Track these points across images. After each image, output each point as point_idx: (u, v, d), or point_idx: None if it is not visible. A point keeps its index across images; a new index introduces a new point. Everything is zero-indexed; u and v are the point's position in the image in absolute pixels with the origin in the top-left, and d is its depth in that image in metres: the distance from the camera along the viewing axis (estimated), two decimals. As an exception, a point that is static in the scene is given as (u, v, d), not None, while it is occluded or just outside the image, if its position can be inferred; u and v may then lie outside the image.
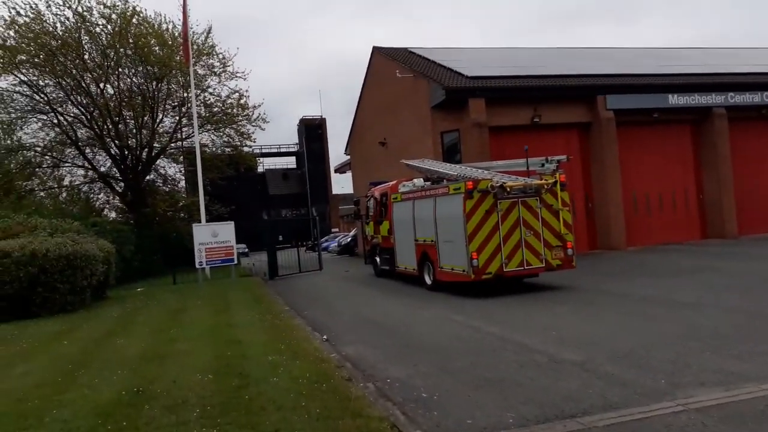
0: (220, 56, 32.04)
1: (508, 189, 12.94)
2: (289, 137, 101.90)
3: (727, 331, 8.36)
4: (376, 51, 28.58)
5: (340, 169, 45.51)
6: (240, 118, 32.91)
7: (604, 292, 12.75)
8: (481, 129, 20.86)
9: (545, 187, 13.32)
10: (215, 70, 32.44)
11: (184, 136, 33.99)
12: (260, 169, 77.90)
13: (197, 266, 18.23)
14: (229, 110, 32.65)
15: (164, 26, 30.70)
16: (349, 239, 38.82)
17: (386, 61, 27.10)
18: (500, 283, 13.63)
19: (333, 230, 72.65)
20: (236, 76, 32.48)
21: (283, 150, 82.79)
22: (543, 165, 14.39)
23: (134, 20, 29.15)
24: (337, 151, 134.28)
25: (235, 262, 18.94)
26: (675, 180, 23.83)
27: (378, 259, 19.68)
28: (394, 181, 18.69)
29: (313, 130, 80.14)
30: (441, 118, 21.97)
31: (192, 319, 12.16)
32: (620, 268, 16.87)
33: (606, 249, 22.10)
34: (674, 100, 22.94)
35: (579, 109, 22.59)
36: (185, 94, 31.99)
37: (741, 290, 11.76)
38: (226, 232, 18.66)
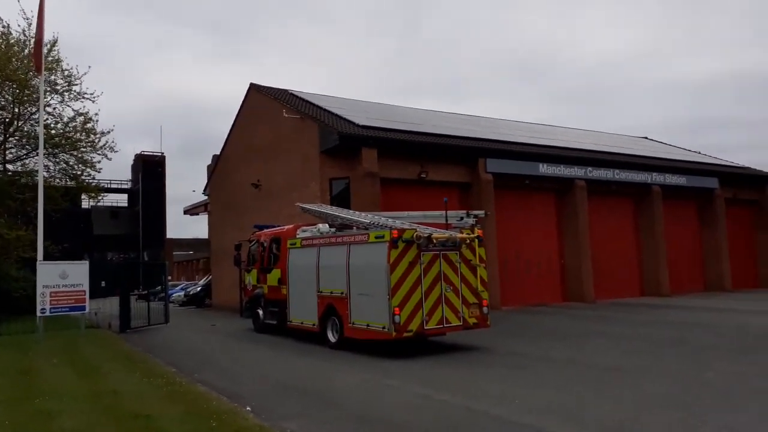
0: (66, 73, 28.23)
1: (434, 240, 12.23)
2: (116, 172, 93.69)
3: (684, 397, 8.23)
4: (254, 89, 27.07)
5: (192, 211, 42.12)
6: (84, 144, 28.98)
7: (522, 354, 12.35)
8: (373, 179, 20.23)
9: (467, 241, 12.86)
10: (57, 87, 28.49)
11: (8, 158, 29.04)
12: (84, 204, 69.97)
13: (39, 313, 14.85)
14: (72, 134, 28.62)
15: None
16: (198, 289, 35.48)
17: (265, 100, 25.71)
18: (416, 343, 12.75)
19: (168, 277, 66.87)
20: (83, 97, 28.74)
21: (113, 186, 75.42)
22: (461, 219, 14.02)
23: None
24: (175, 191, 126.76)
25: (87, 310, 15.80)
26: (541, 244, 25.11)
27: (261, 312, 17.71)
28: (290, 225, 17.24)
29: (152, 167, 74.23)
30: (330, 164, 20.99)
31: (54, 384, 9.48)
32: (515, 329, 16.82)
33: (482, 308, 22.27)
34: (544, 169, 24.41)
35: (461, 170, 23.02)
36: (16, 110, 27.58)
37: (648, 354, 12.06)
38: (78, 273, 15.52)
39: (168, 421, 7.01)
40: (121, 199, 78.56)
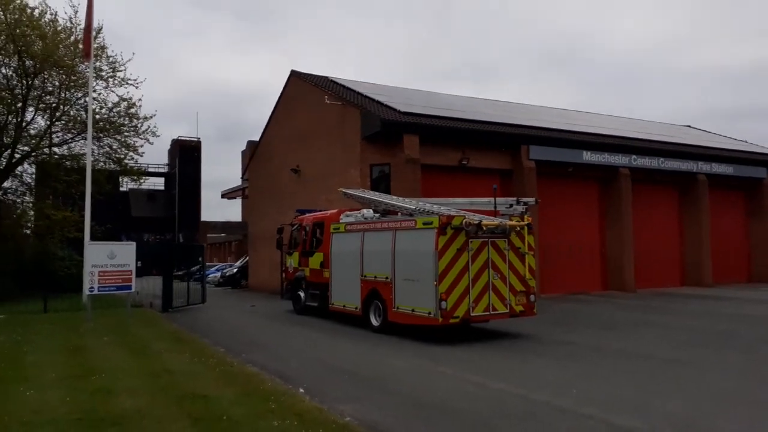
0: (110, 59, 28.59)
1: (484, 228, 12.03)
2: (153, 156, 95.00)
3: (754, 392, 7.93)
4: (295, 76, 27.04)
5: (229, 195, 42.54)
6: (127, 128, 29.41)
7: (571, 343, 12.11)
8: (414, 165, 20.06)
9: (517, 228, 12.64)
10: (102, 74, 28.88)
11: (54, 141, 29.65)
12: (123, 188, 71.33)
13: (87, 291, 15.12)
14: (115, 119, 29.06)
15: (45, 17, 26.85)
16: (235, 270, 35.88)
17: (307, 87, 25.67)
18: (461, 329, 12.63)
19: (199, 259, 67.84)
20: (127, 83, 29.08)
21: (151, 170, 76.66)
22: (511, 206, 13.81)
23: (11, 6, 25.10)
24: (209, 176, 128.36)
25: (133, 289, 16.05)
26: (582, 232, 24.66)
27: (302, 295, 17.77)
28: (334, 210, 17.26)
29: (188, 152, 75.21)
30: (371, 150, 20.87)
31: (109, 362, 9.62)
32: (559, 317, 16.52)
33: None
34: (587, 156, 23.89)
35: (503, 157, 22.69)
36: (63, 94, 28.09)
37: (702, 346, 11.70)
38: (125, 254, 15.73)
39: (227, 403, 7.02)
40: (158, 183, 79.94)
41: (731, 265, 28.27)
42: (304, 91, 26.01)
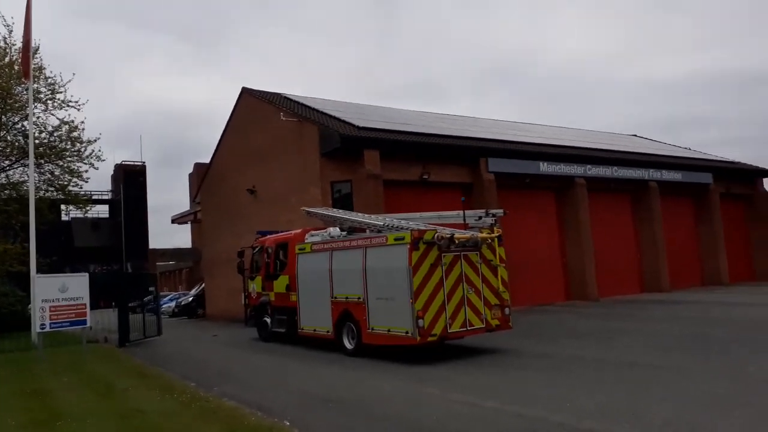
0: (49, 80, 27.35)
1: (456, 241, 11.80)
2: (96, 183, 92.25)
3: (742, 394, 7.92)
4: (246, 93, 26.47)
5: (180, 219, 41.28)
6: (69, 153, 28.07)
7: (551, 355, 11.97)
8: (376, 181, 19.79)
9: (488, 241, 12.50)
10: (41, 96, 27.56)
11: (-10, 170, 28.01)
12: (64, 216, 68.42)
13: (38, 329, 14.08)
14: (57, 143, 27.71)
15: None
16: (190, 299, 34.60)
17: (259, 104, 25.15)
18: (436, 347, 12.35)
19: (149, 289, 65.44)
20: (68, 105, 27.83)
21: (94, 197, 73.82)
22: (480, 218, 13.63)
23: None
24: (155, 201, 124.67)
25: (88, 324, 15.08)
26: (543, 243, 24.89)
27: (269, 321, 17.09)
28: (298, 230, 16.71)
29: (133, 177, 72.98)
30: (331, 167, 20.52)
31: (73, 405, 8.84)
32: (531, 329, 16.44)
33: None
34: (544, 167, 24.22)
35: (463, 170, 22.71)
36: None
37: (675, 350, 11.79)
38: (78, 286, 14.77)
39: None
40: (102, 210, 76.93)
41: (685, 270, 29.11)
42: (256, 109, 25.47)
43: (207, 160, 31.22)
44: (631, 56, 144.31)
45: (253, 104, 25.87)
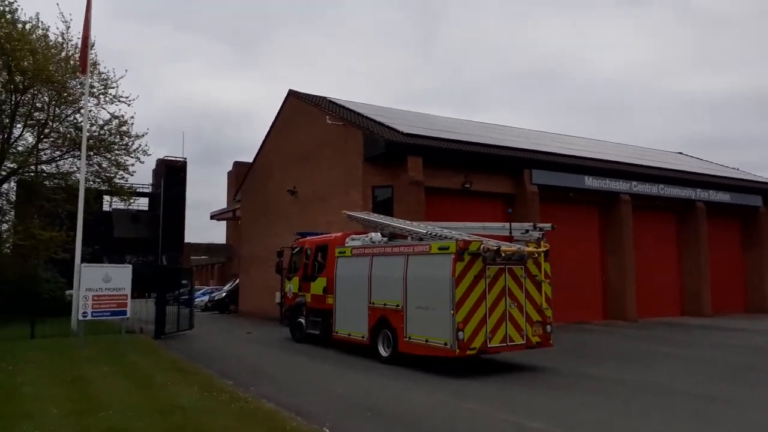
0: (102, 76, 28.02)
1: (503, 254, 11.56)
2: (137, 177, 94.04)
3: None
4: (292, 95, 26.68)
5: (219, 216, 41.82)
6: (118, 146, 28.70)
7: (593, 377, 11.61)
8: (418, 188, 19.66)
9: (535, 255, 12.22)
10: (94, 90, 28.23)
11: (42, 159, 28.81)
12: (105, 207, 70.04)
13: (80, 317, 14.35)
14: (106, 137, 28.36)
15: (36, 32, 26.24)
16: (224, 294, 34.97)
17: (305, 107, 25.30)
18: (475, 361, 12.14)
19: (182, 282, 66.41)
20: (119, 100, 28.47)
21: (136, 190, 75.40)
22: (527, 231, 13.34)
23: (1, 20, 24.46)
24: (191, 197, 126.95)
25: (128, 315, 15.30)
26: (584, 259, 24.35)
27: (303, 322, 17.05)
28: (338, 233, 16.62)
29: (174, 172, 74.04)
30: (374, 172, 20.46)
31: (114, 396, 8.91)
32: (570, 348, 16.01)
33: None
34: (589, 182, 23.73)
35: (505, 181, 22.42)
36: (53, 111, 27.42)
37: (730, 381, 11.30)
38: (121, 277, 15.04)
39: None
40: (142, 203, 78.54)
41: (728, 295, 28.12)
42: (302, 111, 25.64)
43: (246, 159, 31.65)
44: (673, 70, 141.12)
45: (298, 106, 26.05)
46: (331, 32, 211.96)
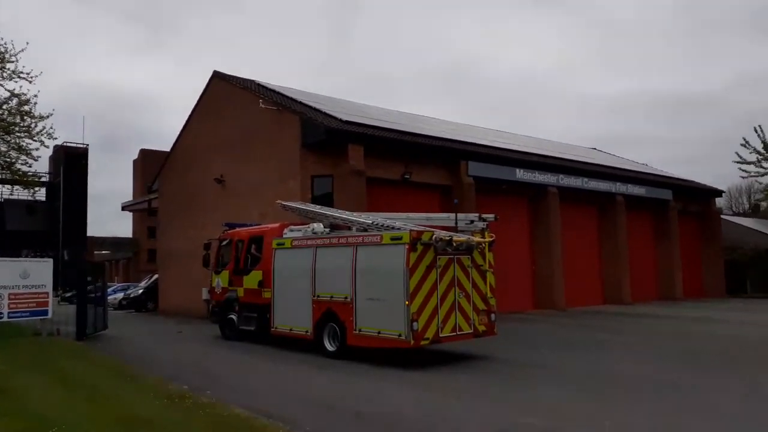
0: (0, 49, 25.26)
1: (454, 244, 11.51)
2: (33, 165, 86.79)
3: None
4: (218, 77, 25.25)
5: (131, 207, 39.24)
6: (18, 128, 26.00)
7: (547, 366, 11.69)
8: (359, 177, 19.12)
9: (482, 245, 12.31)
10: (-15, 67, 25.41)
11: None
12: (-6, 199, 64.09)
13: (-6, 320, 12.74)
14: (5, 116, 25.59)
15: None
16: (140, 291, 32.76)
17: (233, 90, 24.03)
18: (417, 351, 11.98)
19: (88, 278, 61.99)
20: (18, 76, 25.77)
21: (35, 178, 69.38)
22: (472, 222, 13.46)
23: None
24: (94, 187, 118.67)
25: (50, 315, 13.74)
26: (515, 250, 24.75)
27: (235, 318, 16.21)
28: (275, 224, 15.91)
29: (75, 160, 68.76)
30: (312, 160, 19.72)
31: (59, 408, 7.77)
32: (514, 337, 16.17)
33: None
34: (520, 174, 24.17)
35: (443, 172, 22.35)
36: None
37: (678, 364, 11.72)
38: (41, 273, 13.48)
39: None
40: (38, 193, 72.49)
41: (644, 284, 29.71)
42: (229, 95, 24.33)
43: (154, 146, 29.70)
44: (571, 71, 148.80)
45: (224, 89, 24.71)
46: (244, 19, 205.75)
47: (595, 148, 41.55)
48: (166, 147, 32.73)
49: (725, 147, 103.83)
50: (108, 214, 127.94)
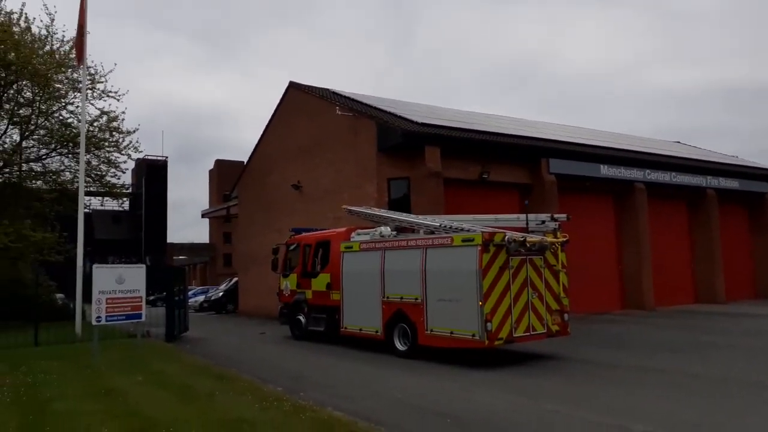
0: (90, 70, 26.63)
1: (528, 244, 11.46)
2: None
3: None
4: (294, 87, 25.65)
5: (211, 214, 40.62)
6: (108, 143, 27.36)
7: (659, 370, 10.96)
8: (437, 179, 18.85)
9: (555, 245, 12.20)
10: (80, 85, 26.89)
11: (30, 157, 27.35)
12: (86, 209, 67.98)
13: (95, 321, 13.25)
14: (96, 133, 26.99)
15: (20, 24, 24.81)
16: (221, 294, 33.75)
17: (309, 98, 24.33)
18: (493, 352, 12.17)
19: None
20: (108, 95, 27.13)
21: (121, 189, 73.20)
22: (543, 222, 13.33)
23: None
24: (170, 196, 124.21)
25: (143, 318, 14.23)
26: (600, 249, 23.82)
27: (303, 319, 16.66)
28: (342, 228, 16.35)
29: (155, 171, 72.44)
30: (388, 163, 19.62)
31: (160, 409, 7.94)
32: (609, 339, 15.45)
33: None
34: (604, 170, 23.18)
35: (522, 171, 21.75)
36: (39, 107, 26.03)
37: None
38: (135, 278, 13.95)
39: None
40: (121, 203, 76.40)
41: (739, 282, 27.85)
42: (305, 103, 24.65)
43: (228, 156, 30.50)
44: (640, 67, 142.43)
45: (301, 99, 25.05)
46: (309, 33, 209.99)
47: (678, 142, 39.51)
48: (239, 157, 33.72)
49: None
50: (185, 221, 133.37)
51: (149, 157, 75.03)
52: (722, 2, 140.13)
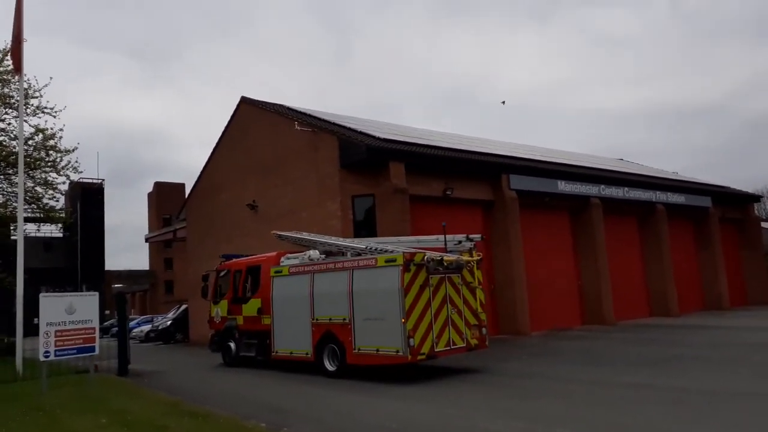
0: (24, 84, 24.98)
1: (445, 263, 12.13)
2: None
3: None
4: (246, 102, 24.83)
5: (154, 239, 38.84)
6: (44, 163, 25.63)
7: (645, 386, 10.77)
8: (402, 195, 18.43)
9: (471, 264, 12.93)
10: (12, 101, 25.20)
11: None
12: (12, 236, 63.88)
13: (42, 357, 11.96)
14: (31, 152, 25.23)
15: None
16: (168, 323, 31.99)
17: (264, 114, 23.57)
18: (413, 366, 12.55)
19: (106, 312, 61.50)
20: (43, 112, 25.50)
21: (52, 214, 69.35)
22: (460, 242, 13.86)
23: None
24: (109, 220, 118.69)
25: (97, 351, 13.00)
26: (560, 265, 23.98)
27: (233, 345, 16.50)
28: (271, 253, 16.16)
29: (91, 195, 69.18)
30: (351, 180, 19.10)
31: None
32: (579, 355, 15.29)
33: (512, 334, 20.64)
34: (562, 186, 23.44)
35: (484, 187, 21.69)
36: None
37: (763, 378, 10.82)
38: (87, 307, 12.76)
39: None
40: (54, 229, 72.42)
41: (689, 294, 28.67)
42: (259, 119, 23.87)
43: (165, 178, 29.25)
44: (573, 88, 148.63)
45: (254, 114, 24.27)
46: (245, 49, 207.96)
47: (622, 159, 40.82)
48: (178, 178, 32.40)
49: (730, 155, 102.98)
50: (121, 246, 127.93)
51: (84, 180, 71.75)
52: (644, 28, 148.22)
